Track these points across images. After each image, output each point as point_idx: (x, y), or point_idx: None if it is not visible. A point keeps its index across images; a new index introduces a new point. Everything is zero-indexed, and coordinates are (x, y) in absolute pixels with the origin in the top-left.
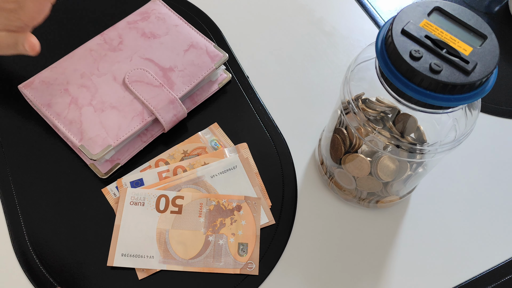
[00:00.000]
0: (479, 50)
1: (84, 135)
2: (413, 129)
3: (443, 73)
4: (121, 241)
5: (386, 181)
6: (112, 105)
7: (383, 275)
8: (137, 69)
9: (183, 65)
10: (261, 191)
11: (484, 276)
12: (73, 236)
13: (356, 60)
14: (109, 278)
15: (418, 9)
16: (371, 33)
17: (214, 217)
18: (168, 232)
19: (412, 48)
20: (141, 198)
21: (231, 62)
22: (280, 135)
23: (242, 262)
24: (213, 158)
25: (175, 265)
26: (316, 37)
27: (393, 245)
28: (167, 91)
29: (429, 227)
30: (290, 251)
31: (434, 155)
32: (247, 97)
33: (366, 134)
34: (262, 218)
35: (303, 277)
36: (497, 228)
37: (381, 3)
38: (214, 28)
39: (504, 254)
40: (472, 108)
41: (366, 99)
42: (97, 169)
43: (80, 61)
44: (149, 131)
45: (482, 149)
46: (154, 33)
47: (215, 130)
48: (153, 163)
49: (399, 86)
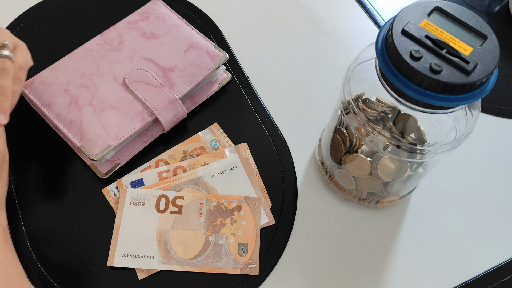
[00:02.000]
0: (480, 50)
1: (84, 135)
2: (414, 129)
3: (444, 73)
4: (121, 241)
5: (386, 181)
6: (112, 105)
7: (383, 275)
8: (137, 69)
9: (183, 65)
10: (261, 191)
11: (484, 276)
12: (73, 236)
13: (356, 60)
14: (109, 278)
15: (418, 9)
16: (371, 33)
17: (214, 217)
18: (168, 232)
19: (412, 48)
20: (141, 198)
21: (231, 62)
22: (280, 135)
23: (242, 262)
24: (213, 158)
25: (175, 265)
26: (316, 37)
27: (393, 245)
28: (167, 91)
29: (429, 227)
30: (290, 251)
31: (435, 155)
32: (247, 97)
33: (366, 134)
34: (262, 218)
35: (303, 277)
36: (497, 228)
37: (381, 3)
38: (214, 28)
39: (504, 254)
40: (472, 108)
41: (366, 99)
42: (97, 169)
43: (80, 61)
44: (149, 131)
45: (482, 149)
46: (154, 33)
47: (215, 130)
48: (153, 163)
49: (399, 86)
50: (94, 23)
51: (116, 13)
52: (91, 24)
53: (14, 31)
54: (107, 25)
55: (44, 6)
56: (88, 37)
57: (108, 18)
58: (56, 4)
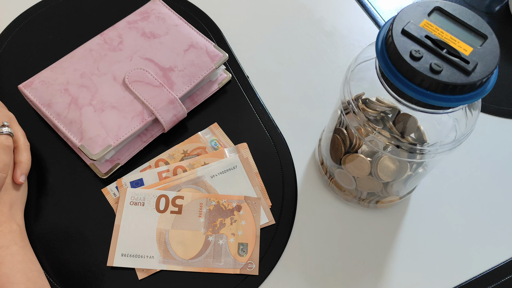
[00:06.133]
0: (480, 50)
1: (84, 135)
2: (413, 129)
3: (444, 73)
4: (121, 241)
5: (386, 182)
6: (112, 105)
7: (383, 275)
8: (137, 69)
9: (183, 65)
10: (261, 191)
11: (484, 276)
12: (73, 236)
13: (356, 60)
14: (109, 278)
15: (418, 9)
16: (371, 33)
17: (214, 217)
18: (168, 232)
19: (412, 48)
20: (141, 198)
21: (231, 62)
22: (280, 135)
23: (242, 262)
24: (213, 158)
25: (175, 265)
26: (316, 37)
27: (393, 245)
28: (167, 91)
29: (429, 227)
30: (290, 251)
31: (434, 156)
32: (247, 97)
33: (366, 134)
34: (262, 218)
35: (303, 277)
36: (497, 228)
37: (381, 3)
38: (214, 28)
39: (504, 254)
40: (472, 108)
41: (366, 99)
42: (97, 169)
43: (80, 61)
44: (149, 131)
45: (482, 149)
46: (154, 33)
47: (215, 130)
48: (153, 163)
49: (399, 86)
50: (94, 23)
51: (116, 13)
52: (91, 24)
53: (14, 31)
54: (107, 25)
55: (44, 6)
56: (88, 37)
57: (108, 18)
58: (56, 4)
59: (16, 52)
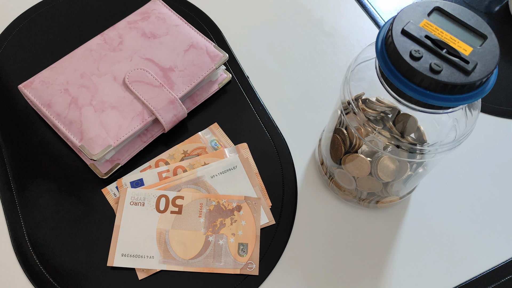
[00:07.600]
0: (479, 50)
1: (84, 135)
2: (413, 129)
3: (443, 73)
4: (121, 241)
5: (386, 181)
6: (112, 105)
7: (383, 275)
8: (137, 69)
9: (183, 65)
10: (261, 191)
11: (484, 276)
12: (73, 236)
13: (356, 60)
14: (109, 278)
15: (418, 9)
16: (371, 33)
17: (214, 217)
18: (168, 232)
19: (412, 48)
20: (141, 198)
21: (231, 62)
22: (280, 135)
23: (242, 262)
24: (213, 158)
25: (175, 265)
26: (316, 37)
27: (393, 245)
28: (167, 91)
29: (429, 227)
30: (290, 251)
31: (434, 155)
32: (247, 97)
33: (366, 134)
34: (262, 218)
35: (303, 277)
36: (497, 228)
37: (381, 3)
38: (214, 28)
39: (504, 254)
40: (472, 108)
41: (366, 99)
42: (97, 169)
43: (80, 61)
44: (149, 131)
45: (482, 149)
46: (154, 33)
47: (215, 130)
48: (153, 163)
49: (399, 86)
50: (94, 23)
51: (116, 13)
52: (91, 24)
53: (14, 31)
54: (107, 25)
55: (44, 6)
56: (88, 37)
57: (108, 18)
58: (56, 4)
59: (16, 52)
